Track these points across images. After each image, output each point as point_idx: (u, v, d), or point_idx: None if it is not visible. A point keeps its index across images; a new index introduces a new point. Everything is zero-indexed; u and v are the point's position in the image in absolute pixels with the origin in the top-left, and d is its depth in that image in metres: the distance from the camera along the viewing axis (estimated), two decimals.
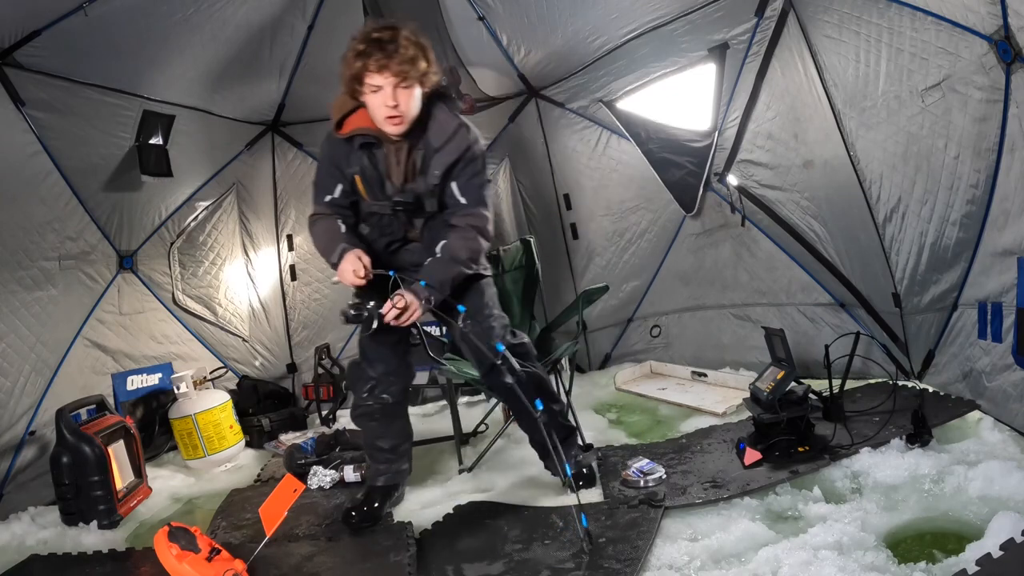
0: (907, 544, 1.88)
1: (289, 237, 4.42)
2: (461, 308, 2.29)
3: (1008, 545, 1.53)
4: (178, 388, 3.44)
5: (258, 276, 4.34)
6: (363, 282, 2.18)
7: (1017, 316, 2.31)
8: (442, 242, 2.26)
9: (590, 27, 3.76)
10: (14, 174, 2.88)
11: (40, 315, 3.01)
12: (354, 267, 2.17)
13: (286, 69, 3.85)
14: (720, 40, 3.54)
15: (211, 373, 3.87)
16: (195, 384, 3.59)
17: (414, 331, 2.44)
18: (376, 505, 2.43)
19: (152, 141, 3.44)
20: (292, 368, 4.43)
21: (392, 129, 2.17)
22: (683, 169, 3.86)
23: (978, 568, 1.52)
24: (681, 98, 3.83)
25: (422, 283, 2.16)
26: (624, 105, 4.00)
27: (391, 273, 2.18)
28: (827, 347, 2.67)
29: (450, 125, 2.24)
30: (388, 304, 2.13)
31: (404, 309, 2.12)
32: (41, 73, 2.89)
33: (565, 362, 3.25)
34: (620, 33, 3.79)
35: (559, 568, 1.95)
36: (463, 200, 2.27)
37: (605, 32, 3.80)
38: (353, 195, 2.35)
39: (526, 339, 2.57)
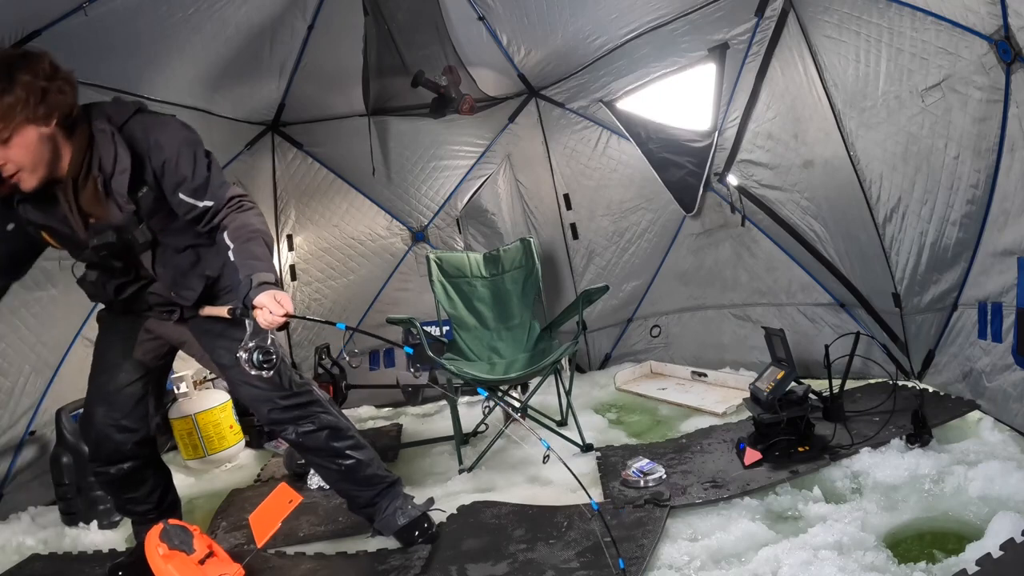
0: (907, 544, 1.89)
1: (289, 237, 4.42)
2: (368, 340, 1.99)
3: (1008, 545, 1.53)
4: (178, 388, 3.44)
5: None
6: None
7: (1017, 316, 2.31)
8: (223, 233, 1.89)
9: (590, 27, 3.76)
10: None
11: (40, 315, 3.00)
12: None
13: (286, 69, 3.85)
14: (720, 40, 3.53)
15: (211, 373, 3.87)
16: (195, 384, 3.59)
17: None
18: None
19: None
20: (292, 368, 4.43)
21: (23, 188, 1.76)
22: (683, 169, 3.86)
23: (978, 568, 1.52)
24: (681, 98, 3.83)
25: (247, 280, 1.80)
26: (624, 105, 3.99)
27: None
28: (827, 347, 2.67)
29: (106, 138, 1.81)
30: (262, 319, 1.78)
31: (272, 309, 1.78)
32: None
33: (565, 362, 3.25)
34: (620, 33, 3.79)
35: (564, 568, 1.95)
36: (208, 203, 1.90)
37: (605, 32, 3.79)
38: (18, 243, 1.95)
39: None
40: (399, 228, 4.43)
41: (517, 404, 3.19)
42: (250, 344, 1.81)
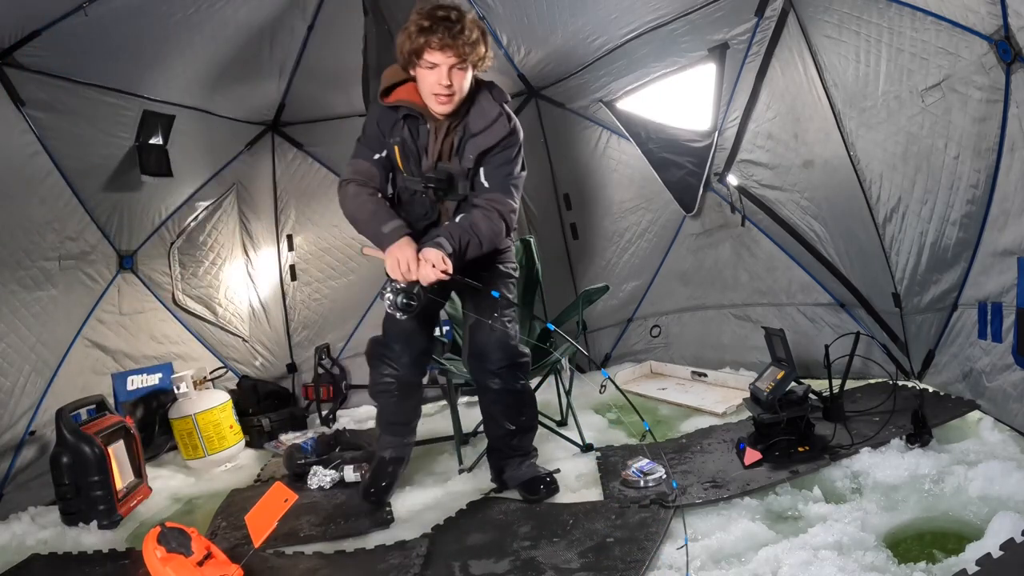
0: (907, 544, 1.88)
1: (289, 237, 4.42)
2: (495, 293, 2.28)
3: (1008, 545, 1.53)
4: (178, 388, 3.44)
5: (258, 276, 4.35)
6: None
7: (1017, 316, 2.31)
8: (463, 214, 2.27)
9: (590, 27, 3.76)
10: (14, 174, 2.88)
11: (40, 315, 3.01)
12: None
13: (286, 69, 3.85)
14: (720, 40, 3.53)
15: (211, 373, 3.88)
16: (195, 384, 3.59)
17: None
18: (388, 480, 2.58)
19: (152, 141, 3.44)
20: (292, 368, 4.43)
21: (439, 108, 2.21)
22: (683, 169, 3.86)
23: (978, 568, 1.52)
24: (681, 98, 3.83)
25: (439, 238, 2.14)
26: (624, 105, 3.99)
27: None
28: (827, 347, 2.67)
29: (492, 112, 2.28)
30: (423, 270, 2.10)
31: (435, 264, 2.09)
32: (41, 73, 2.89)
33: (565, 362, 3.25)
34: (620, 33, 3.79)
35: (564, 568, 1.94)
36: (487, 184, 2.29)
37: (605, 32, 3.80)
38: (390, 166, 2.38)
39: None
40: None
41: None
42: (400, 286, 2.12)
